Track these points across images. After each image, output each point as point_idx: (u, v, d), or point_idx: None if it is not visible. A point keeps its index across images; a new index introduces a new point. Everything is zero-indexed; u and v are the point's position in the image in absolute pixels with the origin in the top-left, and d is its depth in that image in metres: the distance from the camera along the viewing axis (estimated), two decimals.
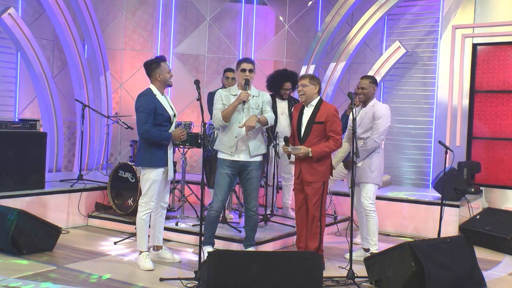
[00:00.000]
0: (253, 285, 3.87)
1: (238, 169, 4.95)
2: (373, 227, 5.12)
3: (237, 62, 5.06)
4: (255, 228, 5.11)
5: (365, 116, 5.14)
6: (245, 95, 4.85)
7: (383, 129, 5.07)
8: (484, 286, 4.48)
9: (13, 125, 5.93)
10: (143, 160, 4.72)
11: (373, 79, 5.23)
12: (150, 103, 4.64)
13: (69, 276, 4.45)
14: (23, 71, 7.78)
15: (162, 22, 8.95)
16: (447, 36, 7.89)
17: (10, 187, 5.78)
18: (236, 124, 4.87)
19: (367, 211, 5.11)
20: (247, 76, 4.93)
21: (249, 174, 4.94)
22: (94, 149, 8.39)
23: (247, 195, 5.02)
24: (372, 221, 5.11)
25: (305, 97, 4.82)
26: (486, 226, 6.17)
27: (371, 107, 5.15)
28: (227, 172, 4.92)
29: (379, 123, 5.06)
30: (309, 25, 9.32)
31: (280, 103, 6.34)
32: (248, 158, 4.91)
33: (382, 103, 5.28)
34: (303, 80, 4.86)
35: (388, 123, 5.12)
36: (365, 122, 5.13)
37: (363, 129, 5.14)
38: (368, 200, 5.10)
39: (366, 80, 5.17)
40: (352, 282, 4.41)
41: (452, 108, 7.82)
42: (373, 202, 5.13)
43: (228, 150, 4.90)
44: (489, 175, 7.61)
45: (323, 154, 4.71)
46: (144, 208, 4.74)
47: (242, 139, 4.88)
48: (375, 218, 5.12)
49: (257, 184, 5.03)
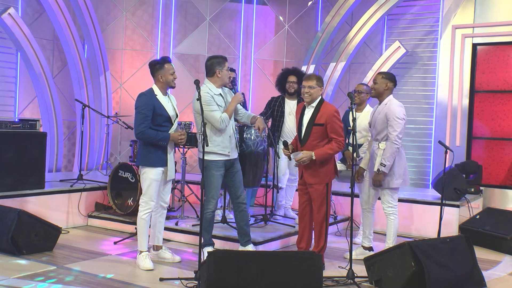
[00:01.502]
0: (253, 285, 3.87)
1: (227, 168, 4.99)
2: (391, 230, 5.08)
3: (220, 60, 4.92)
4: (249, 222, 5.16)
5: (378, 115, 5.02)
6: (241, 97, 4.99)
7: (399, 130, 4.89)
8: (484, 286, 4.48)
9: (13, 125, 5.93)
10: (142, 159, 4.74)
11: (387, 75, 5.09)
12: (148, 103, 4.65)
13: (69, 276, 4.45)
14: (23, 71, 7.78)
15: (162, 22, 8.95)
16: (447, 36, 7.89)
17: (10, 187, 5.78)
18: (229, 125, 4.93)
19: (388, 214, 5.09)
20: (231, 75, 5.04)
21: (235, 167, 5.04)
22: (94, 149, 8.39)
23: (237, 189, 5.04)
24: (392, 223, 5.07)
25: (311, 99, 4.77)
26: (486, 226, 6.17)
27: (384, 106, 5.01)
28: (221, 173, 4.94)
29: (393, 124, 4.88)
30: (309, 25, 9.32)
31: (289, 103, 6.33)
32: (236, 155, 5.05)
33: (397, 101, 5.05)
34: (310, 81, 4.75)
35: (403, 122, 4.92)
36: (378, 122, 5.00)
37: (377, 130, 5.03)
38: (387, 204, 5.07)
39: (379, 75, 5.08)
40: (352, 282, 4.41)
41: (452, 108, 7.83)
42: (392, 205, 5.07)
43: (225, 150, 4.91)
44: (489, 175, 7.61)
45: (326, 156, 4.68)
46: (144, 208, 4.75)
47: (232, 138, 4.98)
48: (395, 221, 5.08)
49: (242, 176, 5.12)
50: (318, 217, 4.76)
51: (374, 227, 5.47)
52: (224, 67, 4.91)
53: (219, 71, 4.89)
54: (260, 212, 6.61)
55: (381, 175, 4.93)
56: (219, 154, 4.88)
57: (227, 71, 4.94)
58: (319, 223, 4.76)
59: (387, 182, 4.99)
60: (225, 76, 4.92)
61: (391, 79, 5.08)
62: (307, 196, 4.83)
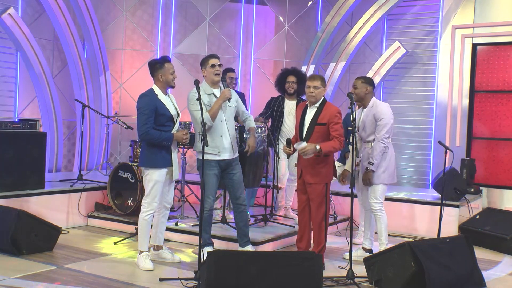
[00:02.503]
0: (253, 285, 3.87)
1: (223, 168, 4.97)
2: (381, 226, 5.12)
3: (203, 60, 4.98)
4: (248, 223, 5.15)
5: (366, 118, 5.10)
6: (229, 93, 4.90)
7: (386, 129, 5.00)
8: (484, 286, 4.48)
9: (13, 125, 5.93)
10: (146, 160, 4.72)
11: (366, 79, 5.16)
12: (150, 103, 4.64)
13: (69, 276, 4.45)
14: (23, 71, 7.78)
15: (162, 22, 8.95)
16: (447, 36, 7.89)
17: (10, 187, 5.78)
18: (219, 123, 4.90)
19: (374, 210, 5.12)
20: (218, 71, 4.92)
21: (234, 169, 5.00)
22: (94, 149, 8.39)
23: (236, 190, 5.03)
24: (379, 220, 5.11)
25: (315, 99, 4.79)
26: (486, 226, 6.17)
27: (370, 108, 5.10)
28: (215, 172, 4.92)
29: (381, 124, 5.00)
30: (309, 25, 9.32)
31: (288, 103, 6.34)
32: (232, 156, 4.99)
33: (382, 102, 5.23)
34: (315, 81, 4.77)
35: (390, 121, 5.04)
36: (368, 125, 5.09)
37: (367, 132, 5.11)
38: (374, 200, 5.10)
39: (358, 80, 5.15)
40: (352, 282, 4.41)
41: (452, 108, 7.83)
42: (379, 201, 5.11)
43: (215, 150, 4.90)
44: (489, 175, 7.61)
45: (330, 150, 4.68)
46: (146, 209, 4.74)
47: (225, 138, 4.93)
48: (382, 217, 5.11)
49: (242, 177, 5.08)
50: (317, 217, 4.76)
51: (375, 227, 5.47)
52: (207, 65, 4.93)
53: (203, 71, 4.98)
54: (260, 212, 6.61)
55: (370, 173, 5.02)
56: (209, 154, 4.86)
57: (211, 68, 4.91)
58: (318, 223, 4.76)
59: (376, 178, 5.05)
60: (210, 74, 4.92)
61: (370, 83, 5.17)
62: (306, 196, 4.83)
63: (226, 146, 4.93)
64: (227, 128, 4.95)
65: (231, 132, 4.98)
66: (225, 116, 4.95)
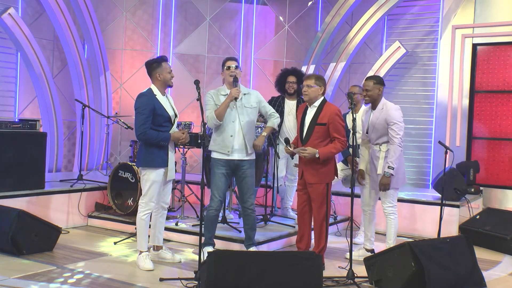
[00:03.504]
0: (253, 285, 3.87)
1: (233, 168, 4.97)
2: (391, 229, 5.10)
3: (222, 62, 5.11)
4: (255, 226, 5.12)
5: (376, 121, 5.02)
6: (236, 92, 4.89)
7: (402, 133, 4.96)
8: (484, 286, 4.48)
9: (13, 125, 5.93)
10: (143, 160, 4.71)
11: (377, 79, 5.08)
12: (148, 103, 4.63)
13: (69, 276, 4.45)
14: (23, 71, 7.78)
15: (162, 22, 8.95)
16: (447, 36, 7.89)
17: (10, 187, 5.78)
18: (230, 123, 4.91)
19: (388, 214, 5.10)
20: (233, 73, 4.96)
21: (245, 172, 4.97)
22: (94, 149, 8.39)
23: (244, 194, 5.03)
24: (392, 223, 5.09)
25: (309, 98, 4.78)
26: (486, 226, 6.17)
27: (380, 110, 5.02)
28: (223, 172, 4.93)
29: (395, 128, 4.92)
30: (309, 25, 9.32)
31: (288, 103, 6.34)
32: (243, 157, 4.95)
33: (392, 104, 5.10)
34: (309, 80, 4.78)
35: (403, 125, 5.00)
36: (378, 128, 5.02)
37: (377, 135, 5.04)
38: (388, 204, 5.08)
39: (370, 81, 5.04)
40: (352, 282, 4.41)
41: (452, 108, 7.83)
42: (393, 205, 5.09)
43: (224, 150, 4.91)
44: (489, 175, 7.61)
45: (330, 155, 4.68)
46: (144, 209, 4.74)
47: (237, 138, 4.92)
48: (395, 220, 5.10)
49: (253, 181, 5.06)
50: (318, 217, 4.76)
51: (376, 227, 5.47)
52: (224, 67, 5.06)
53: (222, 73, 5.12)
54: (260, 212, 6.61)
55: (389, 178, 4.93)
56: (218, 153, 4.92)
57: (227, 70, 5.01)
58: (319, 223, 4.76)
59: (395, 182, 5.01)
60: (226, 75, 5.03)
61: (381, 82, 5.11)
62: (307, 196, 4.83)
63: (236, 147, 4.92)
64: (241, 129, 4.93)
65: (245, 133, 4.95)
66: (239, 116, 4.94)
